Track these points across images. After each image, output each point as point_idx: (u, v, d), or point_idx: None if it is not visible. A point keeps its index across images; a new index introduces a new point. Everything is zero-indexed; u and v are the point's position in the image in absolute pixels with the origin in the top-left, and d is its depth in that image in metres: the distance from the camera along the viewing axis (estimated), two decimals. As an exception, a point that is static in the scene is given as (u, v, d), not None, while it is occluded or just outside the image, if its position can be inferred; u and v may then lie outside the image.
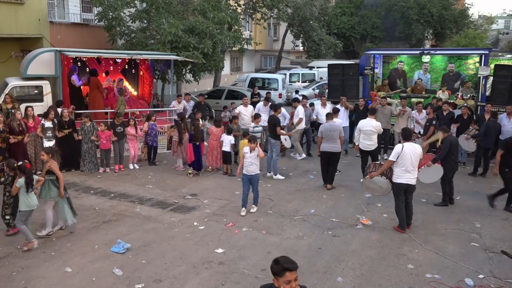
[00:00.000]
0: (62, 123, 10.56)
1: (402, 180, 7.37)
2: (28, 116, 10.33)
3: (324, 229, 7.54)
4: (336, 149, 9.60)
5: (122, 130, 11.01)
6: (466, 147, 11.06)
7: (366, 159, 9.93)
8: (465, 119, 11.57)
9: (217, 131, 10.87)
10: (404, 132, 7.63)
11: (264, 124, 11.71)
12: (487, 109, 11.33)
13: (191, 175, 10.59)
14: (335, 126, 9.64)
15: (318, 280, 5.89)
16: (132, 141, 11.21)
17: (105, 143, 10.74)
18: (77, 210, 8.20)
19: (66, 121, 10.63)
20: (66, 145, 10.37)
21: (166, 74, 16.64)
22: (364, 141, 9.75)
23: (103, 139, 10.72)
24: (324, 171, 9.79)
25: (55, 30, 16.14)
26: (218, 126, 10.99)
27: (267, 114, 12.07)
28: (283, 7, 27.18)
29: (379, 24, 40.64)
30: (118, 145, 10.98)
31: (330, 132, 9.54)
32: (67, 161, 10.48)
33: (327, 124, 9.73)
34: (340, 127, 9.73)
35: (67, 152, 10.46)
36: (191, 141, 10.69)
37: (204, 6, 16.20)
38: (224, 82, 27.27)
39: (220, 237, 7.16)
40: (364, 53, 15.60)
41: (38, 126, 10.32)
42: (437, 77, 15.13)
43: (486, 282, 5.88)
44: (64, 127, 10.56)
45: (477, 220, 8.04)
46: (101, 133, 10.69)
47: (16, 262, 6.27)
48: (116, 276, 5.91)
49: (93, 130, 10.67)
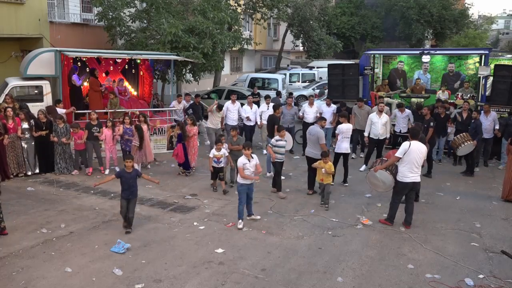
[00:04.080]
0: (40, 125, 10.31)
1: (408, 179, 7.39)
2: (8, 117, 10.05)
3: (324, 229, 7.54)
4: (312, 155, 9.13)
5: (98, 131, 10.57)
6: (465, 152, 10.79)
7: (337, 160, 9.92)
8: (442, 117, 11.60)
9: (192, 129, 10.75)
10: (412, 131, 7.67)
11: None
12: (464, 107, 11.58)
13: (185, 175, 10.63)
14: (314, 131, 9.13)
15: (318, 280, 5.89)
16: (108, 144, 10.69)
17: (79, 143, 10.48)
18: (77, 210, 8.25)
19: (44, 122, 10.36)
20: (44, 147, 10.27)
21: (166, 74, 16.65)
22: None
23: (76, 140, 10.50)
24: (309, 175, 9.42)
25: (55, 30, 16.14)
26: (194, 124, 10.94)
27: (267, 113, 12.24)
28: (283, 7, 27.16)
29: (379, 24, 40.66)
30: (92, 146, 10.63)
31: (310, 135, 9.27)
32: (44, 163, 10.49)
33: (311, 127, 9.46)
34: (318, 133, 9.04)
35: (44, 154, 10.45)
36: (180, 141, 10.56)
37: (204, 6, 16.19)
38: (224, 82, 27.27)
39: (220, 237, 7.16)
40: (364, 53, 15.60)
41: (18, 128, 10.08)
42: (437, 77, 15.15)
43: (486, 282, 5.88)
44: (41, 128, 10.31)
45: (477, 220, 8.04)
46: (74, 134, 10.44)
47: (16, 262, 6.26)
48: (116, 276, 5.90)
49: (66, 131, 10.40)
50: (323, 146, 8.99)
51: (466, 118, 11.42)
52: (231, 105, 12.78)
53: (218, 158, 9.37)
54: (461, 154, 10.90)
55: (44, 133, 10.34)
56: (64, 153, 10.54)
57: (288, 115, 12.56)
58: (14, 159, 10.13)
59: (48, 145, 10.43)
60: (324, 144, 9.02)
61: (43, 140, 10.36)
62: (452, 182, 10.40)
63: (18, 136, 10.13)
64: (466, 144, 10.53)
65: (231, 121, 12.62)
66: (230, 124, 12.35)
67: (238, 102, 12.98)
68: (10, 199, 8.80)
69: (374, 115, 11.17)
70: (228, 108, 12.68)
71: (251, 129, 12.97)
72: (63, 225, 7.56)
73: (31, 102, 11.66)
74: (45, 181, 10.08)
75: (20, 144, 10.20)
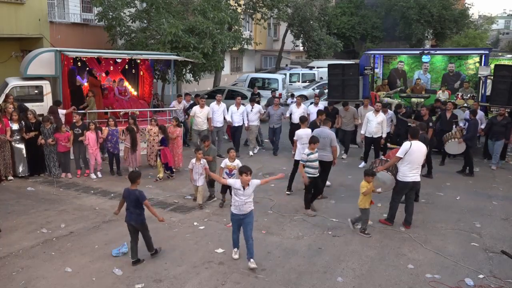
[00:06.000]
0: (29, 125, 10.16)
1: (408, 179, 7.41)
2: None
3: (324, 229, 7.54)
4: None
5: (80, 132, 10.15)
6: (455, 151, 11.04)
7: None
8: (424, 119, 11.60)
9: (176, 130, 10.65)
10: (412, 131, 7.70)
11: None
12: (448, 107, 11.68)
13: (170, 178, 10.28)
14: (326, 133, 8.72)
15: (318, 280, 5.89)
16: (92, 148, 10.18)
17: (63, 145, 10.19)
18: (77, 210, 8.25)
19: (33, 123, 10.21)
20: (34, 148, 10.14)
21: (166, 74, 16.66)
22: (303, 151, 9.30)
23: (61, 141, 10.19)
24: None
25: (55, 30, 16.15)
26: (179, 126, 10.85)
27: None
28: (283, 7, 27.19)
29: (379, 24, 40.70)
30: (78, 148, 10.31)
31: (320, 138, 8.58)
32: (34, 165, 10.30)
33: (318, 130, 9.01)
34: (331, 135, 8.73)
35: (35, 156, 10.25)
36: (165, 145, 10.12)
37: (204, 6, 16.21)
38: (224, 82, 27.28)
39: (220, 237, 7.16)
40: (364, 53, 15.60)
41: (7, 129, 9.84)
42: (437, 77, 15.14)
43: (486, 282, 5.88)
44: (31, 129, 10.14)
45: (477, 220, 8.04)
46: (59, 135, 10.18)
47: (16, 262, 6.26)
48: (116, 276, 5.90)
49: (52, 133, 10.20)
50: (335, 149, 8.70)
51: (450, 117, 11.54)
52: (216, 106, 12.38)
53: (231, 169, 8.09)
54: (448, 151, 11.10)
55: (33, 134, 10.14)
56: (52, 155, 10.28)
57: (275, 116, 12.63)
58: (1, 161, 9.84)
59: (38, 146, 10.20)
60: (336, 147, 8.75)
61: (33, 141, 10.15)
62: (452, 182, 10.39)
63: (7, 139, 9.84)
64: (452, 141, 10.81)
65: (216, 123, 12.32)
66: (215, 126, 12.27)
67: (223, 103, 12.70)
68: (10, 199, 8.82)
69: (370, 114, 11.27)
70: (213, 109, 12.30)
71: (237, 130, 12.67)
72: (63, 225, 7.56)
73: (31, 102, 11.65)
74: (45, 181, 10.08)
75: (8, 146, 9.91)
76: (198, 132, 12.15)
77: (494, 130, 11.19)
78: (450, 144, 10.93)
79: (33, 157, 10.28)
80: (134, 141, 10.36)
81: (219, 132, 12.54)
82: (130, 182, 6.26)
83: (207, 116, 12.06)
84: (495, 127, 11.19)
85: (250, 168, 6.17)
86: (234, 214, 6.25)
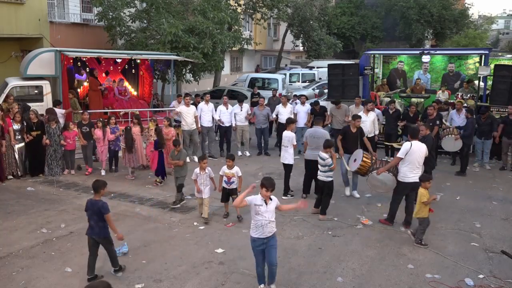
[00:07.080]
0: (31, 125, 10.18)
1: (409, 179, 7.39)
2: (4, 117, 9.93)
3: (324, 229, 7.54)
4: None
5: (88, 130, 10.49)
6: (451, 148, 11.01)
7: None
8: (411, 116, 11.63)
9: (170, 131, 10.55)
10: (412, 131, 7.68)
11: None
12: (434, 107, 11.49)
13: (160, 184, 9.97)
14: (320, 133, 8.64)
15: (318, 280, 5.89)
16: (100, 145, 10.53)
17: (71, 143, 10.39)
18: (77, 210, 8.23)
19: (35, 123, 10.22)
20: (35, 148, 10.14)
21: (166, 74, 16.65)
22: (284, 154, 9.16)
23: (69, 140, 10.41)
24: (306, 179, 9.04)
25: (55, 30, 16.15)
26: (171, 125, 10.81)
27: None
28: (283, 7, 27.18)
29: (379, 24, 40.69)
30: (86, 146, 10.56)
31: (314, 138, 8.63)
32: (35, 165, 10.30)
33: (311, 130, 8.95)
34: (325, 135, 8.60)
35: (36, 156, 10.25)
36: (156, 148, 9.91)
37: (204, 6, 16.20)
38: (224, 82, 27.27)
39: (220, 237, 7.16)
40: (364, 53, 15.60)
41: (10, 129, 9.91)
42: (437, 77, 15.16)
43: (486, 282, 5.88)
44: (32, 129, 10.16)
45: (477, 220, 8.04)
46: (67, 133, 10.38)
47: (16, 262, 6.27)
48: (116, 276, 5.90)
49: (58, 132, 10.31)
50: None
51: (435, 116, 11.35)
52: (204, 105, 12.34)
53: (229, 177, 7.87)
54: (445, 147, 11.07)
55: (35, 134, 10.16)
56: (56, 154, 10.35)
57: (260, 116, 12.63)
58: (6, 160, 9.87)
59: (39, 146, 10.22)
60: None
61: (34, 141, 10.16)
62: (452, 182, 10.39)
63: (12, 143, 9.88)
64: (449, 137, 10.81)
65: (205, 122, 12.26)
66: (205, 126, 12.23)
67: (212, 104, 12.65)
68: (10, 199, 8.82)
69: (361, 114, 11.12)
70: (201, 109, 12.26)
71: (226, 131, 12.62)
72: (63, 225, 7.56)
73: (31, 102, 11.64)
74: (45, 181, 10.08)
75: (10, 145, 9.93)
76: (189, 132, 11.94)
77: (482, 130, 11.22)
78: (447, 140, 10.88)
79: (33, 157, 10.30)
80: (129, 142, 10.36)
81: (209, 132, 12.55)
82: (94, 192, 5.82)
83: (193, 114, 11.93)
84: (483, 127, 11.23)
85: (274, 183, 5.26)
86: (256, 240, 5.26)
